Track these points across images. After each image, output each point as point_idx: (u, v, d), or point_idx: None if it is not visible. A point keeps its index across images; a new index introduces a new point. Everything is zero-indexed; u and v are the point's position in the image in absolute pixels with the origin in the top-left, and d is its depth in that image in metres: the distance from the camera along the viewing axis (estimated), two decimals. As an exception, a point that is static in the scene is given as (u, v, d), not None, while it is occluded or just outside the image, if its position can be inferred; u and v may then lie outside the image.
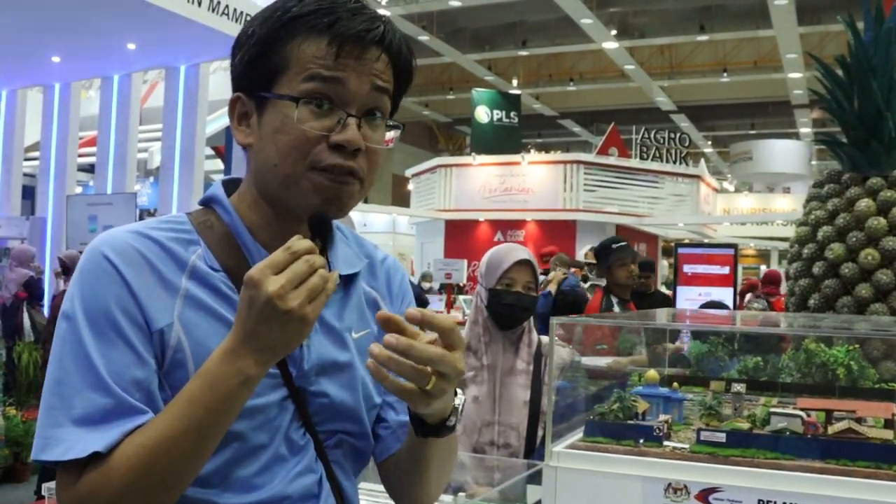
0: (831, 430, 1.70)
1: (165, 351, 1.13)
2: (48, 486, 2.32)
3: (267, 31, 1.19)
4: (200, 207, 1.29)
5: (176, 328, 1.14)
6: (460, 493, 2.32)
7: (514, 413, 2.82)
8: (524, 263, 2.85)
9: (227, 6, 9.10)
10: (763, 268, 22.28)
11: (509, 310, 2.83)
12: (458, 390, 1.24)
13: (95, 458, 1.06)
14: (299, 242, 1.07)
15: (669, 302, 6.50)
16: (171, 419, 1.07)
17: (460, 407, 1.23)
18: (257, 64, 1.20)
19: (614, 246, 5.91)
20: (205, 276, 1.18)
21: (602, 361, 2.48)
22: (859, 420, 1.71)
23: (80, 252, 5.34)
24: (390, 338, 1.06)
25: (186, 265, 1.18)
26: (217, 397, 1.06)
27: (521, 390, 2.85)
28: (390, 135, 1.26)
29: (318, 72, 1.17)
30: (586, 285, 8.53)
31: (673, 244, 12.98)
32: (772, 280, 9.84)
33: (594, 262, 11.71)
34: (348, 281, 1.32)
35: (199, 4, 8.81)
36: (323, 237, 1.18)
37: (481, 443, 2.80)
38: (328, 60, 1.17)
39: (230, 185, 1.30)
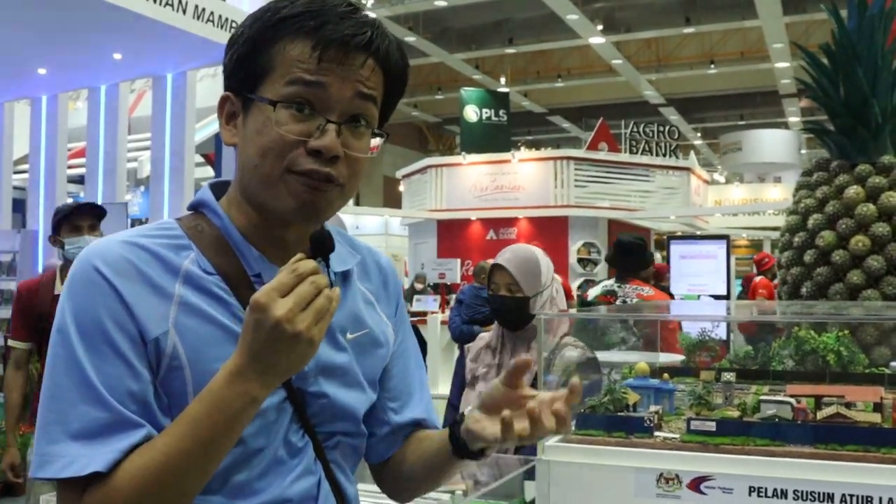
0: (820, 415, 1.71)
1: (161, 359, 1.12)
2: (45, 498, 2.32)
3: (256, 31, 1.19)
4: (189, 213, 1.28)
5: (171, 336, 1.13)
6: (457, 491, 2.32)
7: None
8: (500, 266, 2.92)
9: (212, 13, 9.06)
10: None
11: (497, 313, 2.95)
12: None
13: (97, 477, 1.05)
14: (304, 264, 1.06)
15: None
16: (176, 440, 1.06)
17: None
18: (244, 64, 1.20)
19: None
20: (198, 281, 1.17)
21: (616, 357, 2.48)
22: (848, 405, 1.72)
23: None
24: (574, 394, 1.18)
25: (179, 271, 1.17)
26: (222, 419, 1.05)
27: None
28: (375, 142, 1.24)
29: (300, 76, 1.16)
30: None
31: (665, 237, 13.00)
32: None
33: (587, 257, 11.75)
34: (344, 279, 1.31)
35: (185, 13, 8.77)
36: (325, 256, 1.17)
37: None
38: (311, 64, 1.15)
39: (219, 188, 1.30)
